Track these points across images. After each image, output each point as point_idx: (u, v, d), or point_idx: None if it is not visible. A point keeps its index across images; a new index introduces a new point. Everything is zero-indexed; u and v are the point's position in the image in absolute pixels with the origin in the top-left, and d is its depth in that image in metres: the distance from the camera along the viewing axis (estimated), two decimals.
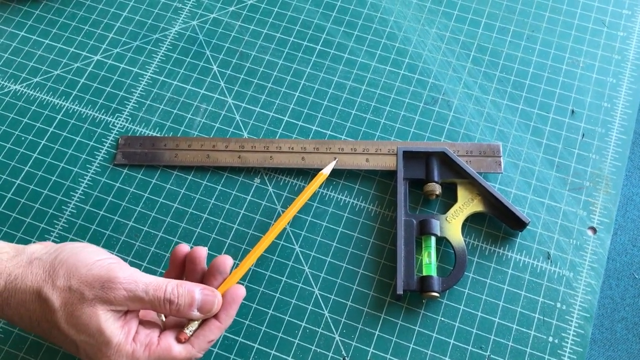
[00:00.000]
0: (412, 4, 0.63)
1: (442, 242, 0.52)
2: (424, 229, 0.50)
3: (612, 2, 0.62)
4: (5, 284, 0.39)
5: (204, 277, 0.45)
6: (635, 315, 0.65)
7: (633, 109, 0.57)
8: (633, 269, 0.67)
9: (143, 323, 0.42)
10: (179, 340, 0.42)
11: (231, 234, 0.52)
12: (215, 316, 0.43)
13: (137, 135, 0.57)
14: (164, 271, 0.51)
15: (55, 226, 0.53)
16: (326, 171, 0.53)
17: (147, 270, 0.51)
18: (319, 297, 0.50)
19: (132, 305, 0.40)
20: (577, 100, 0.57)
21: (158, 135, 0.57)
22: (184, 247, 0.45)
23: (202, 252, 0.45)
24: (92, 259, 0.41)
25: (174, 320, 0.44)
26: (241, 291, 0.44)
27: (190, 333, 0.42)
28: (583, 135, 0.56)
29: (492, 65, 0.59)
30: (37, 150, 0.56)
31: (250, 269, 0.50)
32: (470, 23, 0.61)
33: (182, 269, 0.45)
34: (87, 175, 0.55)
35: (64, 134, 0.57)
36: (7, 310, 0.40)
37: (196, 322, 0.42)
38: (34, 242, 0.52)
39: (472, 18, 0.62)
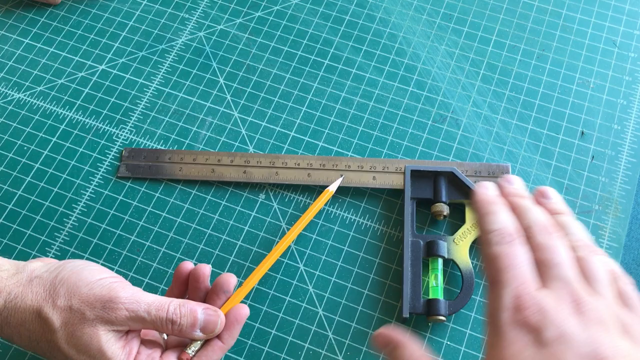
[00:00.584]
0: (422, 20, 0.62)
1: (449, 263, 0.51)
2: (431, 251, 0.50)
3: (624, 22, 0.62)
4: (5, 303, 0.38)
5: (208, 295, 0.44)
6: None
7: None
8: (637, 288, 0.66)
9: (144, 342, 0.41)
10: (179, 358, 0.41)
11: (235, 251, 0.52)
12: (218, 336, 0.42)
13: (141, 147, 0.56)
14: (166, 287, 0.50)
15: (57, 239, 0.52)
16: (332, 188, 0.52)
17: (149, 287, 0.50)
18: (323, 317, 0.49)
19: (134, 325, 0.39)
20: (587, 121, 0.57)
21: (162, 148, 0.56)
22: (188, 265, 0.45)
23: (206, 269, 0.44)
24: (94, 277, 0.40)
25: (176, 340, 0.43)
26: (245, 311, 0.43)
27: (193, 353, 0.41)
28: (593, 157, 0.55)
29: (502, 84, 0.59)
30: (40, 161, 0.55)
31: (253, 287, 0.49)
32: (480, 40, 0.61)
33: (186, 287, 0.45)
34: (89, 188, 0.54)
35: (67, 144, 0.56)
36: (7, 329, 0.39)
37: (199, 342, 0.42)
38: (35, 255, 0.51)
39: (482, 35, 0.61)
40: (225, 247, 0.52)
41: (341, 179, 0.53)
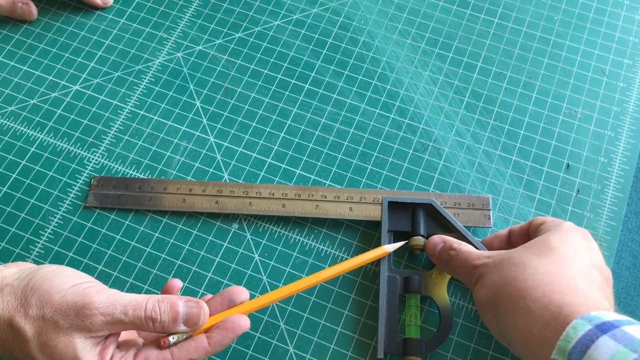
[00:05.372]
0: (406, 45, 0.60)
1: (427, 300, 0.49)
2: (408, 287, 0.48)
3: (613, 50, 0.60)
4: None
5: (211, 303, 0.43)
6: None
7: (631, 165, 0.55)
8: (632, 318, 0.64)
9: (120, 345, 0.40)
10: (158, 345, 0.40)
11: (204, 283, 0.50)
12: (207, 337, 0.40)
13: (112, 172, 0.54)
14: None
15: None
16: (389, 248, 0.48)
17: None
18: (293, 355, 0.47)
19: (113, 329, 0.38)
20: (573, 153, 0.55)
21: (134, 172, 0.54)
22: (177, 283, 0.44)
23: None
24: (67, 284, 0.38)
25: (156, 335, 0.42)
26: (243, 322, 0.41)
27: (174, 340, 0.40)
28: (578, 191, 0.53)
29: (486, 113, 0.57)
30: (7, 184, 0.54)
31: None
32: (465, 67, 0.59)
33: None
34: (57, 214, 0.52)
35: (37, 167, 0.54)
36: None
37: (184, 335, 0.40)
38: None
39: (467, 62, 0.59)
40: (194, 279, 0.50)
41: (402, 243, 0.49)
